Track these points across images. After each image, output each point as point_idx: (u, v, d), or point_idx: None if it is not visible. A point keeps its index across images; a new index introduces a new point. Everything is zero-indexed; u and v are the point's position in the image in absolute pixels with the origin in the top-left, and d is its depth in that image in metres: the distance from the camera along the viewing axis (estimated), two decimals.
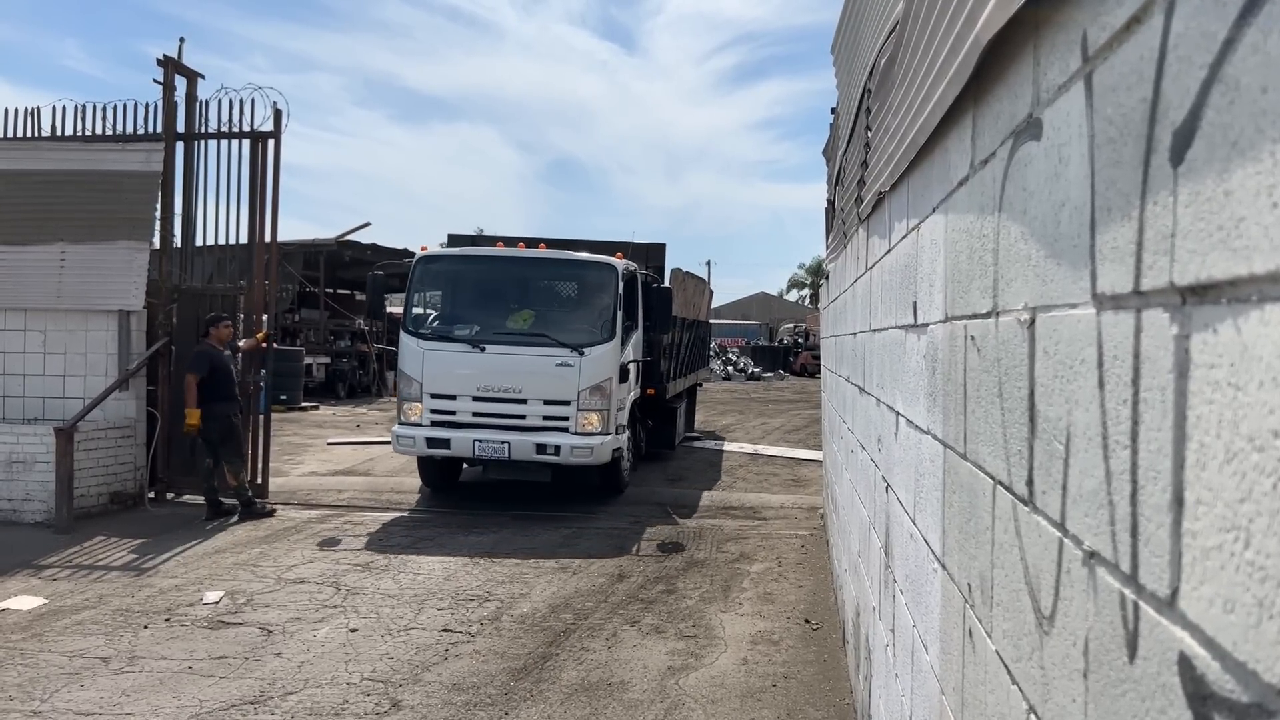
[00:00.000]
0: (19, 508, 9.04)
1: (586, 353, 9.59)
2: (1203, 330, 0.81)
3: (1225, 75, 0.76)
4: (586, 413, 9.53)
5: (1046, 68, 1.32)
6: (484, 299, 10.63)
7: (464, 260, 10.99)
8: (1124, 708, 0.98)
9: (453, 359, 9.75)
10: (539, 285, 10.82)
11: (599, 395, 9.60)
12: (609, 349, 9.78)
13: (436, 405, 9.69)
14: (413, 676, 5.30)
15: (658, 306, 10.68)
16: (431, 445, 9.63)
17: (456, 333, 10.04)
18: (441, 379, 9.71)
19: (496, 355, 9.70)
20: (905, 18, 2.70)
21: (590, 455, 9.45)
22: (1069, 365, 1.19)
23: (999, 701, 1.58)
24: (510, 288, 10.67)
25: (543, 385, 9.57)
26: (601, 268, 10.18)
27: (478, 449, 9.49)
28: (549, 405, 9.58)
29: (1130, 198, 0.97)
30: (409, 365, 9.87)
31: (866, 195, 4.03)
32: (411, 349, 9.90)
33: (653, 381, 11.88)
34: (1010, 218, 1.51)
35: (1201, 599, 0.80)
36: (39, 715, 4.72)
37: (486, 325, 10.12)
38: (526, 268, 10.70)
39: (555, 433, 9.54)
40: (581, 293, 10.54)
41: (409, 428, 9.73)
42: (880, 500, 3.58)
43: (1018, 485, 1.46)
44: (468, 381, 9.63)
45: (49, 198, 9.89)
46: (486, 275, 10.67)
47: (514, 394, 9.58)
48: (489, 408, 9.61)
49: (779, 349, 40.48)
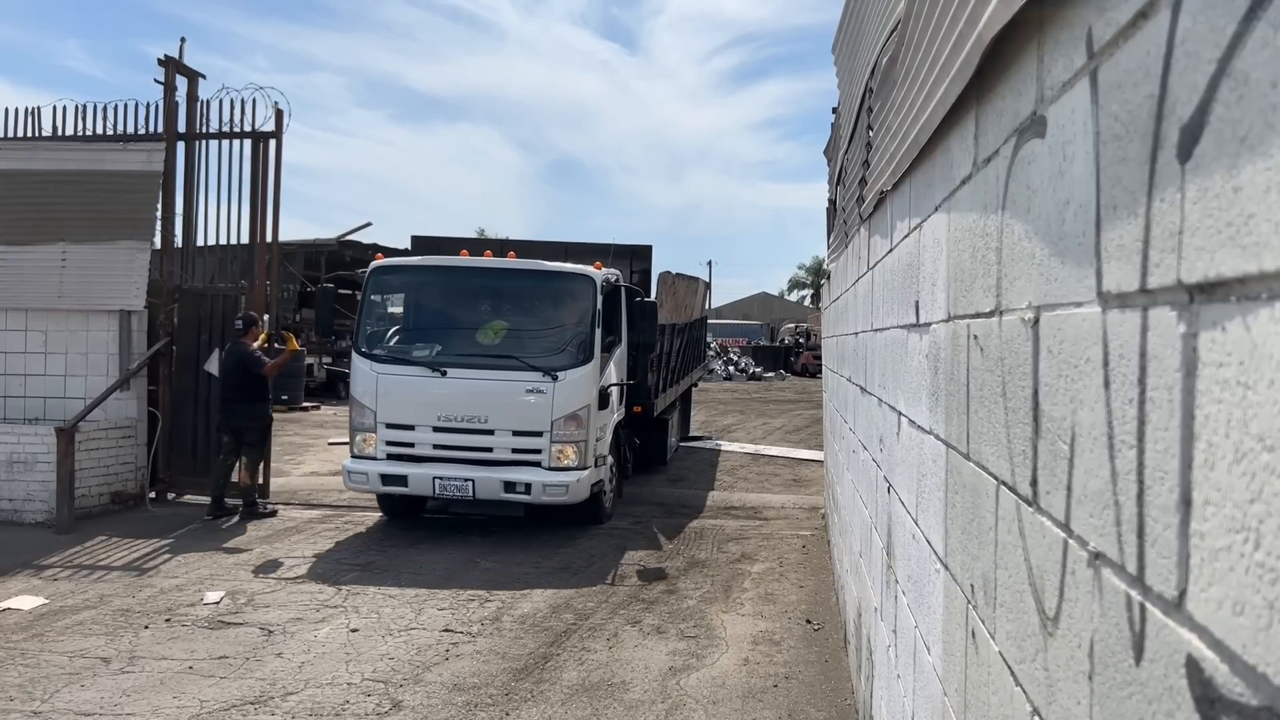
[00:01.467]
0: (20, 508, 9.04)
1: (561, 377, 8.52)
2: (1211, 329, 0.80)
3: (1234, 70, 0.75)
4: (561, 445, 8.50)
5: (1050, 65, 1.30)
6: (446, 315, 9.66)
7: (422, 271, 9.71)
8: (1130, 710, 0.97)
9: (410, 384, 8.67)
10: (507, 299, 9.52)
11: (575, 425, 8.55)
12: (586, 372, 8.70)
13: (392, 436, 8.65)
14: (413, 677, 5.29)
15: (642, 322, 9.53)
16: (387, 482, 8.59)
17: (415, 354, 8.96)
18: (398, 407, 8.65)
19: (459, 380, 8.61)
20: (907, 16, 2.69)
21: (565, 494, 8.41)
22: (1074, 364, 1.18)
23: (1002, 703, 1.57)
24: (475, 302, 9.55)
25: (511, 414, 8.54)
26: (577, 280, 9.12)
27: (438, 487, 8.43)
28: (519, 437, 8.54)
29: (1136, 195, 0.96)
30: (361, 391, 8.79)
31: (868, 194, 4.02)
32: (364, 373, 8.83)
33: (639, 399, 10.84)
34: (1014, 216, 1.50)
35: (1210, 601, 0.79)
36: (40, 715, 4.72)
37: (449, 345, 9.07)
38: (493, 279, 9.42)
39: (526, 468, 8.48)
40: (555, 308, 9.42)
41: (362, 462, 8.69)
42: (882, 500, 3.57)
43: (1021, 485, 1.45)
44: (427, 409, 8.57)
45: (50, 198, 9.89)
46: (448, 288, 9.61)
47: (479, 424, 8.53)
48: (451, 439, 8.57)
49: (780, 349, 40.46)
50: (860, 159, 4.45)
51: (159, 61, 10.33)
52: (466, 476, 8.38)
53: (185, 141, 10.44)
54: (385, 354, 8.95)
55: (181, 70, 10.41)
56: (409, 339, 9.32)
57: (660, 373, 11.68)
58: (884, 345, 3.51)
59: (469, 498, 8.44)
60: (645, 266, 12.71)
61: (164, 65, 10.33)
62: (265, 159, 10.26)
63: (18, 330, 9.89)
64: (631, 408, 10.58)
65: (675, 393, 13.26)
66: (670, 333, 12.00)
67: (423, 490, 8.54)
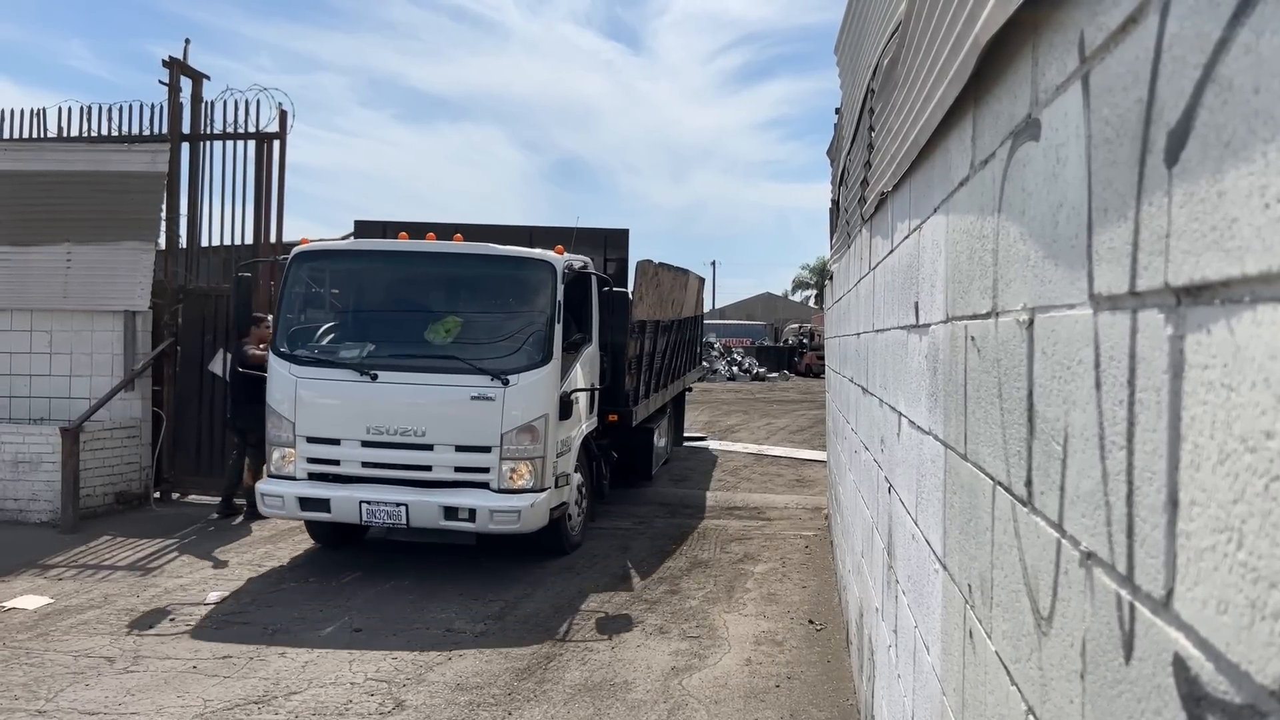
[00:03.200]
0: (25, 508, 9.08)
1: (513, 381, 7.19)
2: (1197, 331, 0.81)
3: (1219, 76, 0.76)
4: (514, 462, 7.16)
5: (1045, 68, 1.31)
6: (379, 309, 8.36)
7: (352, 257, 8.45)
8: (1120, 709, 0.98)
9: (335, 390, 7.36)
10: (452, 290, 8.20)
11: (530, 438, 7.21)
12: (544, 376, 7.36)
13: (314, 452, 7.31)
14: (416, 676, 5.31)
15: (611, 316, 8.28)
16: (307, 507, 7.23)
17: (341, 355, 7.61)
18: (320, 417, 7.33)
19: (392, 386, 7.28)
20: (907, 18, 2.70)
21: (517, 521, 7.07)
22: (1067, 366, 1.19)
23: (998, 702, 1.57)
24: (414, 294, 8.27)
25: (454, 426, 7.20)
26: (534, 266, 7.76)
27: (366, 513, 7.08)
28: (463, 453, 7.20)
29: (1126, 198, 0.97)
30: (278, 399, 7.43)
31: (870, 195, 4.03)
32: (281, 377, 7.45)
33: (616, 405, 9.44)
34: (1009, 218, 1.51)
35: (1195, 600, 0.80)
36: (44, 714, 4.74)
37: (382, 345, 7.76)
38: (435, 266, 8.06)
39: (471, 490, 7.14)
40: (508, 299, 8.10)
41: (278, 483, 7.32)
42: (883, 501, 3.58)
43: (1017, 486, 1.46)
44: (355, 421, 7.25)
45: (55, 198, 9.93)
46: (382, 277, 8.34)
47: (415, 437, 7.17)
48: (383, 456, 7.23)
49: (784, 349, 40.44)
50: (862, 160, 4.46)
51: (163, 63, 10.37)
52: (399, 501, 7.04)
53: (190, 142, 10.48)
54: (306, 355, 7.59)
55: (186, 71, 10.45)
56: (336, 337, 7.98)
57: (642, 376, 10.32)
58: (885, 346, 3.52)
59: (402, 526, 7.13)
60: (621, 255, 10.80)
61: (169, 66, 10.37)
62: (269, 160, 10.30)
63: (23, 330, 9.93)
64: (606, 416, 9.29)
65: (663, 399, 11.84)
66: (654, 331, 10.66)
67: (347, 517, 7.18)
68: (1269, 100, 0.68)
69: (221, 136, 10.42)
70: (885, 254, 3.52)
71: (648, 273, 9.85)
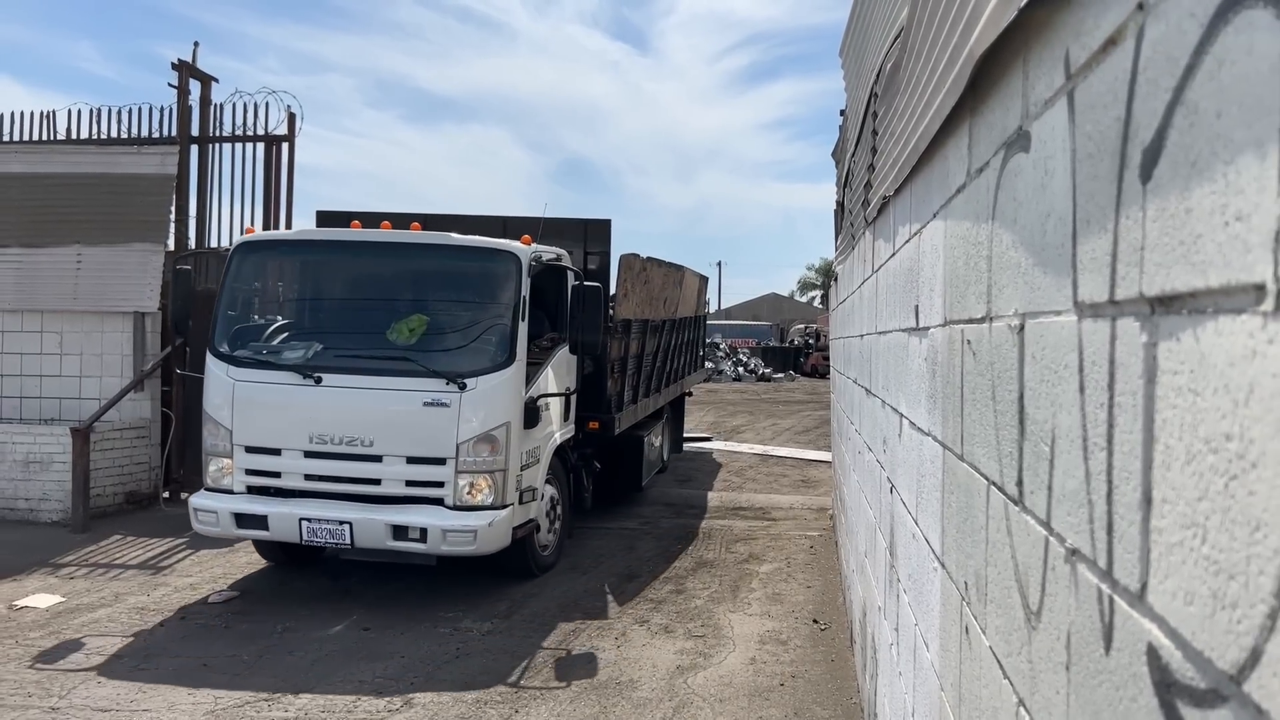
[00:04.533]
0: (36, 507, 9.16)
1: (471, 385, 6.53)
2: (1168, 339, 0.85)
3: (1186, 99, 0.81)
4: (471, 476, 6.49)
5: (1035, 82, 1.36)
6: (326, 305, 7.78)
7: (297, 248, 7.83)
8: (1100, 697, 1.03)
9: (275, 395, 6.75)
10: (405, 283, 7.55)
11: (490, 448, 6.54)
12: (506, 378, 6.69)
13: (253, 463, 6.72)
14: (425, 675, 5.37)
15: (582, 313, 7.30)
16: (243, 524, 6.62)
17: (284, 356, 7.00)
18: (259, 425, 6.72)
19: (337, 390, 6.64)
20: (909, 25, 2.75)
21: (473, 542, 6.36)
22: (1054, 370, 1.24)
23: (992, 695, 1.62)
24: (365, 288, 7.64)
25: (405, 435, 6.56)
26: (495, 257, 7.06)
27: (306, 531, 6.43)
28: (415, 465, 6.54)
29: (1106, 211, 1.02)
30: (215, 404, 6.84)
31: (873, 199, 4.08)
32: (218, 380, 6.87)
33: (599, 411, 8.66)
34: (1002, 226, 1.56)
35: (1166, 592, 0.84)
36: (57, 711, 4.81)
37: (330, 344, 7.10)
38: (389, 257, 7.44)
39: (424, 507, 6.48)
40: (468, 294, 7.41)
41: (213, 496, 6.72)
42: (885, 501, 3.62)
43: (1009, 485, 1.51)
44: (297, 429, 6.61)
45: (65, 200, 10.02)
46: (330, 269, 7.74)
47: (362, 447, 6.54)
48: (328, 468, 6.60)
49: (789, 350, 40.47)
50: (866, 163, 4.51)
51: (173, 65, 10.46)
52: (342, 518, 6.39)
53: (198, 144, 10.57)
54: (246, 356, 6.98)
55: (195, 74, 10.53)
56: (279, 336, 7.36)
57: (628, 380, 9.50)
58: (887, 348, 3.57)
59: (346, 546, 6.48)
60: (603, 248, 9.51)
61: (177, 69, 10.45)
62: (278, 161, 10.39)
63: (34, 331, 10.02)
64: (587, 423, 8.53)
65: (655, 404, 10.97)
66: (642, 331, 9.85)
67: (286, 535, 6.57)
68: (1229, 125, 0.73)
69: (230, 139, 10.51)
70: (887, 257, 3.57)
71: (633, 268, 9.08)
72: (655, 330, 10.51)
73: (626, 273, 8.90)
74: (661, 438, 11.94)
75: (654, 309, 10.21)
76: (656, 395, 10.97)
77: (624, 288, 8.81)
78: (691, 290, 13.07)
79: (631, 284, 9.00)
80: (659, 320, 10.61)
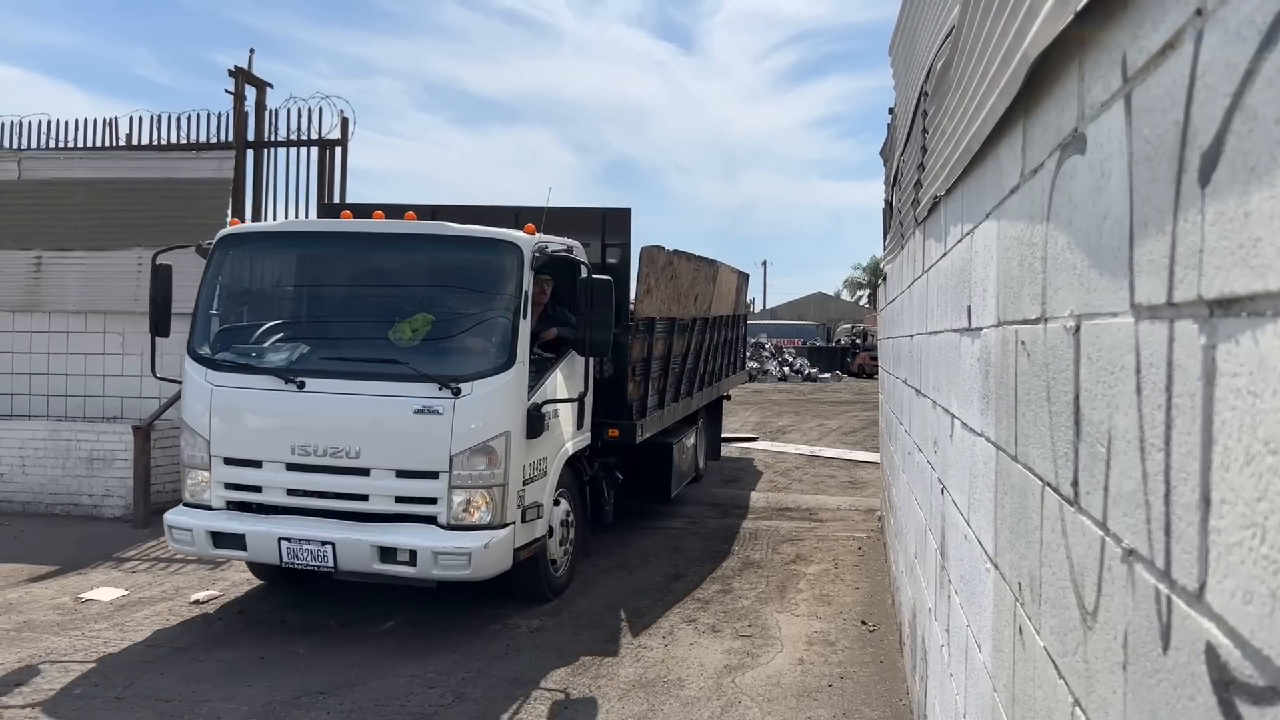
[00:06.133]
0: (99, 503, 9.43)
1: (466, 390, 5.91)
2: (1226, 341, 0.86)
3: (1245, 105, 0.82)
4: (466, 492, 5.89)
5: (1090, 84, 1.37)
6: (312, 302, 7.19)
7: (282, 241, 7.23)
8: (1158, 696, 1.04)
9: (256, 402, 6.21)
10: (397, 278, 6.90)
11: (487, 460, 5.92)
12: (505, 383, 6.05)
13: (233, 476, 6.19)
14: (476, 671, 5.44)
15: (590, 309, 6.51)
16: (220, 543, 6.09)
17: (265, 359, 6.44)
18: (239, 435, 6.21)
19: (322, 396, 6.05)
20: (960, 25, 2.74)
21: (467, 566, 5.75)
22: (1110, 371, 1.25)
23: (1046, 696, 1.63)
24: (354, 283, 7.05)
25: (394, 446, 5.97)
26: (495, 248, 6.39)
27: (286, 552, 5.88)
28: (405, 479, 5.96)
29: (1164, 214, 1.03)
30: (193, 411, 6.34)
31: (923, 198, 4.06)
32: (196, 385, 6.37)
33: (620, 416, 7.97)
34: (1057, 227, 1.56)
35: (1224, 592, 0.85)
36: (121, 701, 4.96)
37: (315, 345, 6.54)
38: (379, 250, 6.76)
39: (414, 526, 5.89)
40: (464, 289, 6.68)
41: (190, 513, 6.22)
42: (936, 502, 3.61)
43: (1064, 486, 1.51)
44: (279, 439, 6.09)
45: (126, 204, 10.31)
46: (317, 264, 7.16)
47: (348, 459, 5.95)
48: (311, 481, 6.04)
49: (836, 350, 40.22)
50: (915, 162, 4.49)
51: (229, 72, 10.71)
52: (325, 539, 5.82)
53: (254, 149, 10.81)
54: (225, 359, 6.45)
55: (250, 80, 10.77)
56: (263, 338, 6.77)
57: (652, 384, 8.77)
58: (938, 348, 3.56)
59: (329, 569, 5.89)
60: (623, 240, 8.46)
61: (234, 76, 10.70)
62: (331, 165, 10.59)
63: (97, 332, 10.31)
64: (606, 430, 7.86)
65: (685, 409, 10.26)
66: (669, 331, 9.13)
67: (265, 556, 6.05)
68: None
69: (285, 144, 10.73)
70: (938, 257, 3.56)
71: (657, 261, 8.27)
72: (684, 329, 9.81)
73: (649, 267, 8.09)
74: (695, 445, 11.24)
75: (682, 306, 9.47)
76: (688, 400, 10.33)
77: (646, 283, 8.07)
78: (729, 287, 12.22)
79: (655, 279, 8.26)
80: (688, 319, 9.88)
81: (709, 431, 12.44)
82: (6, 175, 10.46)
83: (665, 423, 9.25)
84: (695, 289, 9.91)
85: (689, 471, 10.81)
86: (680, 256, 9.08)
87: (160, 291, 6.81)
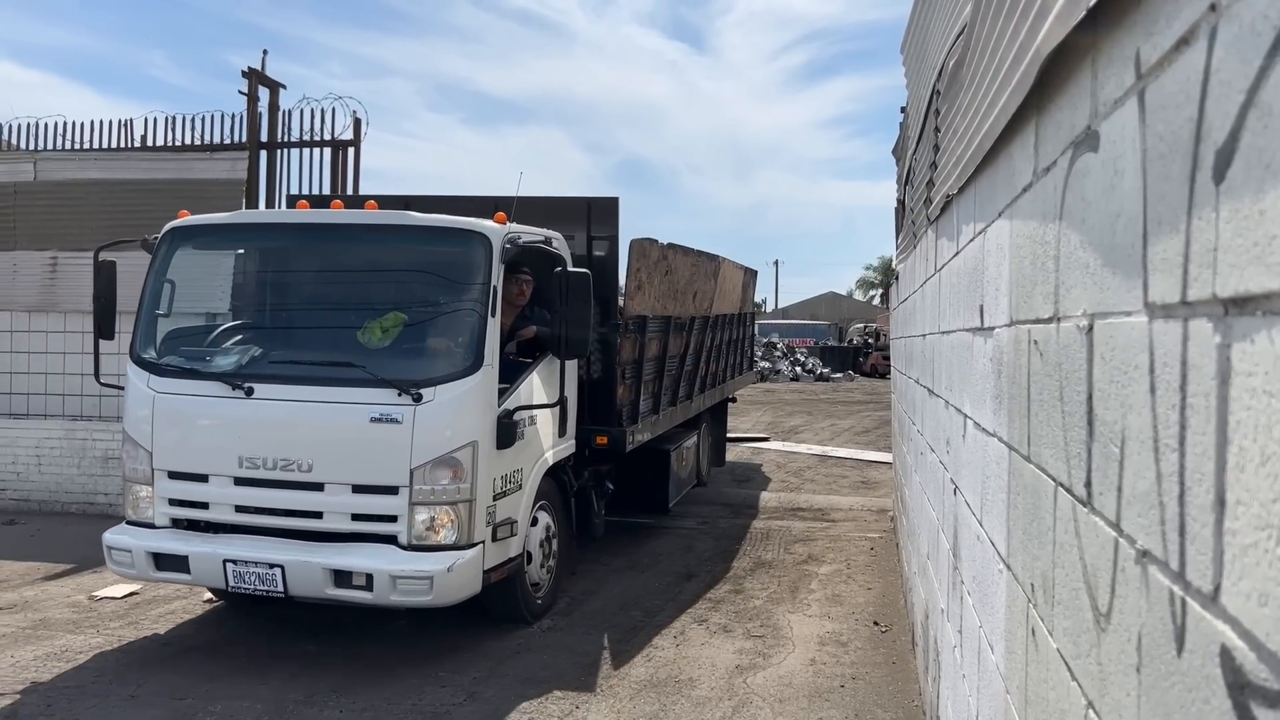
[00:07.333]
0: (115, 502, 9.47)
1: (428, 395, 5.40)
2: (1241, 340, 0.85)
3: (1260, 101, 0.81)
4: (429, 508, 5.37)
5: (1104, 82, 1.36)
6: (265, 300, 6.72)
7: (233, 233, 6.77)
8: (1173, 699, 1.03)
9: (201, 410, 5.72)
10: (355, 273, 6.31)
11: (452, 474, 5.40)
12: (471, 388, 5.51)
13: (176, 492, 5.71)
14: (487, 670, 5.45)
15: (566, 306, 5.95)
16: (162, 566, 5.60)
17: (212, 363, 5.96)
18: (183, 446, 5.72)
19: (271, 403, 5.59)
20: (972, 23, 2.73)
21: (428, 591, 5.25)
22: (1124, 371, 1.24)
23: (1060, 698, 1.61)
24: (310, 279, 6.51)
25: (349, 458, 5.45)
26: (460, 239, 5.82)
27: (232, 575, 5.40)
28: (362, 495, 5.45)
29: (1178, 212, 1.02)
30: (134, 420, 5.88)
31: (935, 197, 4.04)
32: (138, 392, 5.90)
33: (609, 422, 7.33)
34: (1070, 226, 1.55)
35: (1240, 594, 0.84)
36: (135, 698, 4.99)
37: (267, 347, 6.07)
38: (336, 242, 6.27)
39: (372, 547, 5.39)
40: (427, 284, 6.11)
41: (130, 531, 5.77)
42: (949, 502, 3.59)
43: (1077, 487, 1.50)
44: (225, 451, 5.59)
45: (140, 205, 10.34)
46: (270, 258, 6.67)
47: (301, 473, 5.46)
48: (261, 497, 5.56)
49: (848, 349, 40.12)
50: (928, 161, 4.47)
51: (243, 73, 10.74)
52: (274, 560, 5.33)
53: (267, 150, 10.84)
54: (169, 363, 5.99)
55: (264, 81, 10.80)
56: (210, 339, 6.32)
57: (644, 386, 8.17)
58: (950, 348, 3.54)
59: (279, 594, 5.38)
60: (610, 232, 7.68)
61: (247, 77, 10.73)
62: (344, 166, 10.61)
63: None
64: (596, 437, 7.20)
65: (685, 413, 9.64)
66: (664, 329, 8.48)
67: (210, 580, 5.60)
68: None
69: (298, 144, 10.76)
70: (951, 256, 3.54)
71: (649, 256, 7.62)
72: (682, 328, 9.16)
73: (640, 261, 7.40)
74: (696, 450, 10.71)
75: (679, 304, 8.81)
76: (688, 404, 9.75)
77: (637, 278, 7.37)
78: (733, 283, 11.51)
79: (647, 274, 7.61)
80: (686, 317, 9.22)
81: (713, 435, 11.94)
82: (23, 176, 10.53)
83: (661, 428, 8.71)
84: (694, 285, 9.34)
85: (690, 479, 10.37)
86: (676, 251, 8.51)
87: (104, 289, 6.37)
